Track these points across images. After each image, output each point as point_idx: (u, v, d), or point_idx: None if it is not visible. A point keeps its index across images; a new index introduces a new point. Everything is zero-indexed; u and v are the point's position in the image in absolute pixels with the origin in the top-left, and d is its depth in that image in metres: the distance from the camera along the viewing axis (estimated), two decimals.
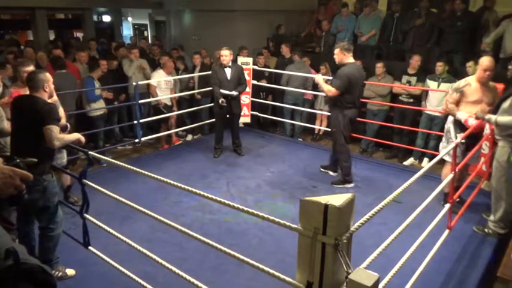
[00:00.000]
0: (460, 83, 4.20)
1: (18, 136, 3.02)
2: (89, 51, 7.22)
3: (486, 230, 3.89)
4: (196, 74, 6.90)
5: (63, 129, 3.12)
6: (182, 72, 7.01)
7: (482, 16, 6.83)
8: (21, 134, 2.99)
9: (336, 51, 4.73)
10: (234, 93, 5.56)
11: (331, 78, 5.12)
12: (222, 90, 5.51)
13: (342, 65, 4.73)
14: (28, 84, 3.04)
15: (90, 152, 3.10)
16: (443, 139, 4.38)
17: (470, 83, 4.08)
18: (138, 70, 6.68)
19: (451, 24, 6.90)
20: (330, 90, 4.71)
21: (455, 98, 4.16)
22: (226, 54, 5.47)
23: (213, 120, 6.79)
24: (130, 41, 11.45)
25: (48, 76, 3.03)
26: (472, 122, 3.87)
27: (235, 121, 5.95)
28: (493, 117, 3.68)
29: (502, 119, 3.61)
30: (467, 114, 4.01)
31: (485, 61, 3.97)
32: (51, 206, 3.08)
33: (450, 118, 4.26)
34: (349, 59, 4.70)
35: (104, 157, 3.43)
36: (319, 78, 4.97)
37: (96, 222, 3.18)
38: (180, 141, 6.95)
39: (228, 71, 5.56)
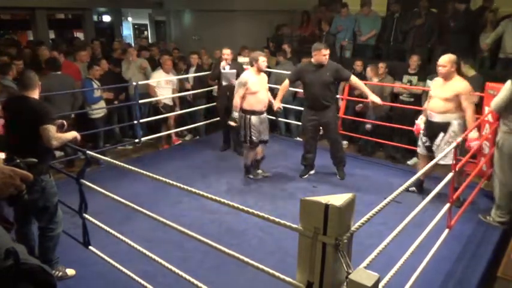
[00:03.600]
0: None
1: (15, 137, 2.99)
2: (91, 51, 7.21)
3: (488, 217, 4.01)
4: (191, 75, 6.87)
5: (60, 127, 3.11)
6: (184, 73, 7.00)
7: (482, 16, 6.83)
8: (18, 135, 2.97)
9: (328, 51, 4.80)
10: (233, 71, 5.74)
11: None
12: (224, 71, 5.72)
13: (324, 64, 4.81)
14: (20, 83, 3.00)
15: (88, 152, 3.09)
16: None
17: (437, 79, 4.32)
18: (138, 70, 6.68)
19: (451, 24, 6.89)
20: (355, 78, 4.94)
21: (429, 96, 4.41)
22: (228, 53, 5.72)
23: (210, 121, 6.83)
24: (131, 41, 11.46)
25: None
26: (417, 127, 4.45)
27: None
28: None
29: (492, 102, 3.86)
30: (420, 121, 4.46)
31: (441, 58, 4.17)
32: (50, 206, 3.07)
33: None
34: None
35: (102, 157, 3.42)
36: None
37: (96, 222, 3.18)
38: (180, 141, 6.92)
39: (227, 68, 5.75)
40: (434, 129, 4.24)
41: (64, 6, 10.84)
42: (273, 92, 7.21)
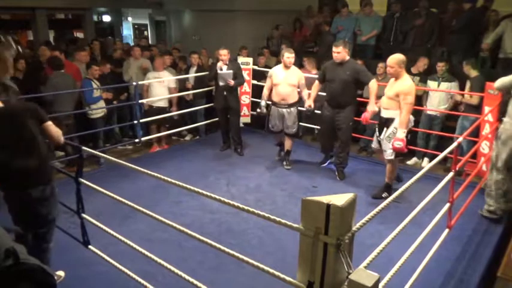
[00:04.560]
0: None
1: (14, 150, 2.61)
2: (90, 51, 7.20)
3: (480, 211, 4.13)
4: (192, 75, 6.85)
5: None
6: (183, 72, 6.99)
7: (483, 16, 6.81)
8: (17, 145, 2.63)
9: (340, 49, 4.75)
10: (230, 71, 5.65)
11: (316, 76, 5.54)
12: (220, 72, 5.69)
13: (343, 62, 4.83)
14: None
15: (84, 148, 3.07)
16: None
17: (391, 79, 4.43)
18: (140, 70, 6.64)
19: (451, 24, 6.89)
20: (374, 84, 4.81)
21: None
22: (225, 54, 5.68)
23: (208, 121, 6.80)
24: (131, 41, 11.44)
25: None
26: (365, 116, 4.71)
27: (231, 117, 5.97)
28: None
29: (498, 81, 3.99)
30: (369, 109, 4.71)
31: (388, 59, 4.30)
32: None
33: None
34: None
35: (101, 154, 3.40)
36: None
37: (95, 222, 3.18)
38: (158, 149, 6.56)
39: (224, 68, 5.71)
40: (381, 124, 4.49)
41: (64, 6, 10.83)
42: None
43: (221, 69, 5.70)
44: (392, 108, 4.31)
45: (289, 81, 5.14)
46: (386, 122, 4.39)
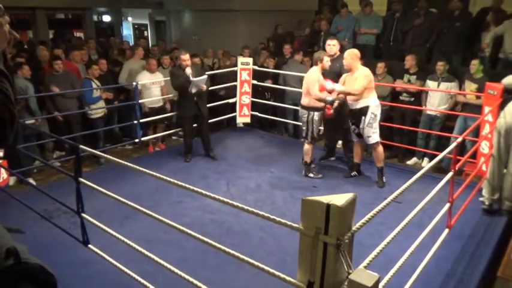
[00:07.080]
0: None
1: None
2: (87, 50, 7.20)
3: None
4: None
5: None
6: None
7: (485, 16, 6.80)
8: None
9: (334, 41, 5.22)
10: (204, 77, 5.37)
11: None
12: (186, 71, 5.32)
13: (338, 57, 5.11)
14: None
15: (82, 147, 3.07)
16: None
17: (347, 73, 4.81)
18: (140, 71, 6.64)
19: (450, 24, 6.89)
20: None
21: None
22: (187, 58, 5.37)
23: (210, 121, 6.71)
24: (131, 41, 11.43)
25: None
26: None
27: (203, 125, 5.75)
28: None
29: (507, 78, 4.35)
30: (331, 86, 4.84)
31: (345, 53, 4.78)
32: None
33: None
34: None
35: (98, 152, 3.39)
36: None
37: (95, 222, 3.18)
38: (153, 150, 6.57)
39: (188, 71, 5.35)
40: (356, 116, 4.76)
41: (64, 6, 10.85)
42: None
43: (185, 75, 5.30)
44: (362, 97, 4.64)
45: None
46: (362, 111, 4.67)
